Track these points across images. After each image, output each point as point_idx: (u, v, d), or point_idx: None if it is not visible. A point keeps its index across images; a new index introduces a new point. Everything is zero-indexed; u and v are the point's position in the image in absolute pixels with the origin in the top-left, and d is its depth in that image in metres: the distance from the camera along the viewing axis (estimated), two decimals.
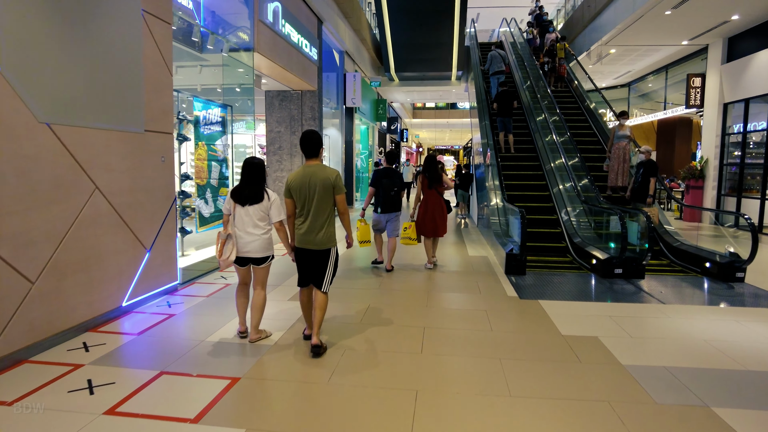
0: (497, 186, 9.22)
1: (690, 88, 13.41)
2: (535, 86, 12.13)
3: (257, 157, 4.16)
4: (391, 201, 6.63)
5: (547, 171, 10.05)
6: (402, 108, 28.80)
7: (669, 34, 12.46)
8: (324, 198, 3.67)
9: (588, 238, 7.41)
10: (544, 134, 10.64)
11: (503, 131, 11.05)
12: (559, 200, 8.87)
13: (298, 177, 3.70)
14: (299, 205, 3.73)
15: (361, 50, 16.09)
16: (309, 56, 10.45)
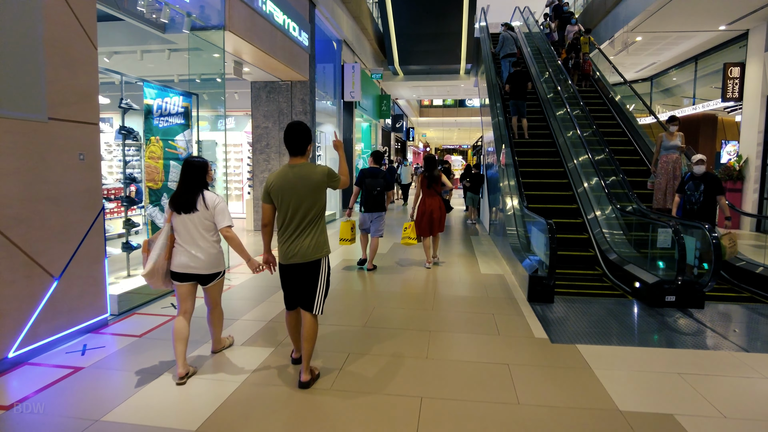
0: (514, 188, 7.90)
1: (727, 80, 11.98)
2: (555, 81, 10.70)
3: (199, 157, 3.57)
4: (374, 200, 6.63)
5: (569, 169, 8.72)
6: (408, 106, 27.51)
7: (705, 17, 11.06)
8: (312, 203, 3.14)
9: (626, 254, 6.08)
10: (565, 129, 9.32)
11: (516, 115, 10.16)
12: (585, 202, 7.55)
13: (279, 178, 3.15)
14: (281, 213, 3.17)
15: (362, 40, 14.83)
16: (298, 42, 9.20)
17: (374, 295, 5.51)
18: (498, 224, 8.96)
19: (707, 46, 13.27)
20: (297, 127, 3.15)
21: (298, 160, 3.17)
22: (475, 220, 12.12)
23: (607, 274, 6.19)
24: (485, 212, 11.56)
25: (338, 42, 12.80)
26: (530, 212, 5.92)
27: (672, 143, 7.26)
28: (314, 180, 3.11)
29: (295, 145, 3.15)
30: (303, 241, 3.12)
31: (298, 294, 3.25)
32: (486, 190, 11.53)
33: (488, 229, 10.53)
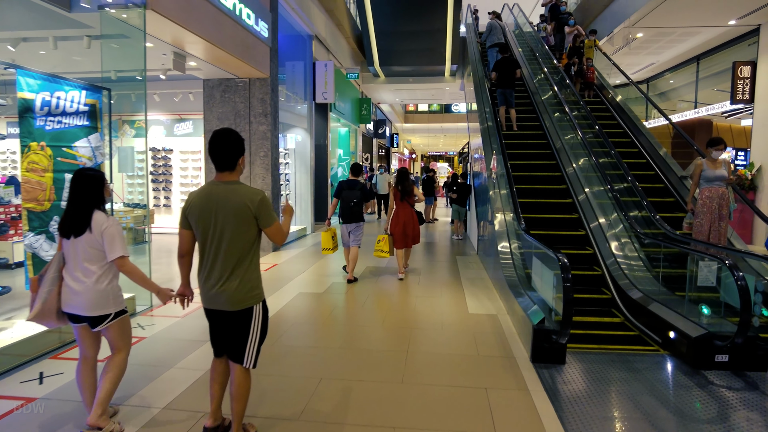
0: (507, 204, 6.65)
1: (737, 80, 10.89)
2: (556, 86, 9.32)
3: (91, 168, 3.00)
4: (350, 212, 6.69)
5: (576, 193, 7.49)
6: (392, 111, 26.29)
7: (714, 11, 9.96)
8: (239, 232, 2.54)
9: (652, 292, 4.80)
10: (575, 156, 8.07)
11: (504, 105, 9.42)
12: (597, 233, 6.28)
13: (199, 199, 2.58)
14: (199, 242, 2.62)
15: (337, 37, 13.54)
16: (255, 32, 7.88)
17: (325, 350, 4.16)
18: (488, 241, 7.69)
19: (712, 44, 12.21)
20: (223, 135, 2.56)
21: (225, 176, 2.59)
22: (461, 235, 10.84)
23: (627, 318, 4.91)
24: (473, 226, 10.29)
25: (309, 37, 11.50)
26: (531, 239, 4.61)
27: (717, 173, 5.63)
28: (241, 204, 2.51)
29: (221, 158, 2.55)
30: (227, 283, 2.51)
31: (225, 340, 2.67)
32: (473, 201, 10.27)
33: (476, 247, 9.24)
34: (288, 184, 11.03)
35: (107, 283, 2.79)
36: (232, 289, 2.52)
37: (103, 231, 2.71)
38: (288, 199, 3.32)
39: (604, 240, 6.02)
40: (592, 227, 6.50)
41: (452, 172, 38.52)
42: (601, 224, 6.38)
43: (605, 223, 6.28)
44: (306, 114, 11.61)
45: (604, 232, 6.12)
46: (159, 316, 5.06)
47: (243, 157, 2.65)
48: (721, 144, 5.61)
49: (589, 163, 7.31)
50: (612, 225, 6.06)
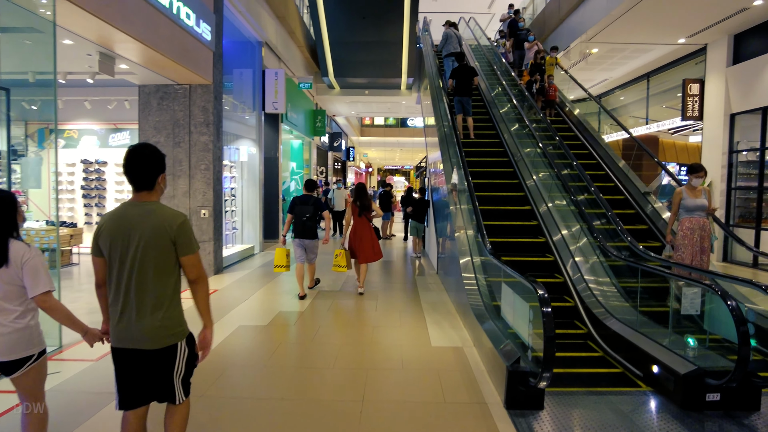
0: (469, 221, 6.22)
1: (687, 97, 11.07)
2: (516, 101, 9.13)
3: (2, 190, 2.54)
4: (303, 227, 6.62)
5: (541, 213, 7.16)
6: (348, 124, 25.80)
7: (665, 29, 10.09)
8: (158, 259, 2.23)
9: (631, 322, 4.43)
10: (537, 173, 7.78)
11: (461, 113, 9.39)
12: (563, 251, 5.93)
13: (111, 222, 2.27)
14: (111, 271, 2.25)
15: (290, 46, 12.94)
16: (196, 34, 7.17)
17: (267, 402, 3.50)
18: (448, 260, 7.24)
19: (662, 62, 12.44)
20: (140, 150, 2.30)
21: (143, 196, 2.32)
22: (419, 253, 10.36)
23: (607, 352, 4.51)
24: (431, 243, 9.84)
25: (258, 44, 10.84)
26: (501, 264, 4.14)
27: (698, 202, 5.24)
28: (159, 228, 2.24)
29: (137, 176, 2.29)
30: (145, 318, 2.20)
31: (144, 387, 2.29)
32: (432, 217, 9.84)
33: (436, 266, 8.76)
34: (234, 200, 10.24)
35: (30, 319, 2.44)
36: (150, 326, 2.21)
37: (23, 264, 2.36)
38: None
39: (572, 260, 5.66)
40: (555, 241, 6.15)
41: (408, 186, 38.43)
42: (566, 238, 6.04)
43: (569, 235, 5.94)
44: (255, 124, 10.89)
45: (571, 252, 5.77)
46: (69, 360, 4.25)
47: (163, 174, 2.36)
48: (701, 171, 5.26)
49: (552, 180, 7.02)
50: (583, 251, 5.71)
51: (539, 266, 6.05)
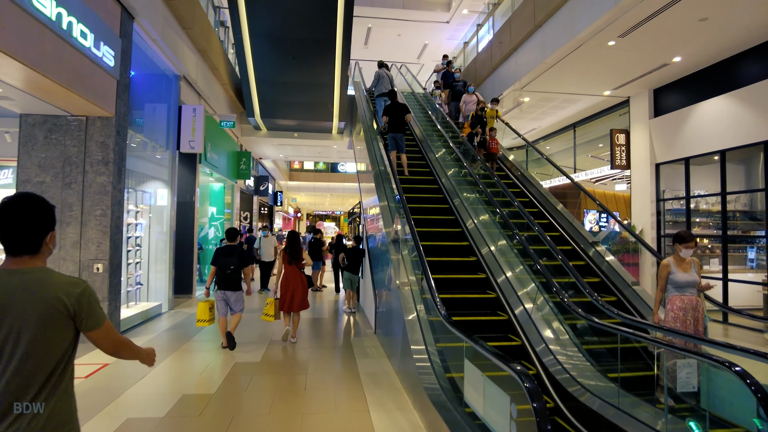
0: (415, 273, 5.49)
1: (615, 146, 11.37)
2: (460, 154, 8.61)
3: None
4: (227, 279, 6.47)
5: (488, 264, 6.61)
6: (276, 168, 24.77)
7: (594, 81, 10.35)
8: (45, 341, 1.73)
9: (608, 394, 3.80)
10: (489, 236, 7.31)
11: (395, 149, 9.27)
12: (509, 295, 5.33)
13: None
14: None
15: (212, 83, 11.99)
16: (95, 57, 6.12)
17: None
18: (389, 318, 6.42)
19: (588, 112, 12.86)
20: (19, 204, 1.76)
21: (24, 261, 1.78)
22: (353, 308, 9.44)
23: (562, 411, 3.83)
24: (367, 296, 8.99)
25: (175, 78, 9.83)
26: (464, 335, 3.37)
27: (688, 278, 4.43)
28: (50, 300, 1.73)
29: (15, 237, 1.76)
30: (23, 417, 1.65)
31: None
32: (367, 267, 9.04)
33: (374, 324, 7.88)
34: (139, 250, 8.86)
35: None
36: (32, 427, 1.67)
37: None
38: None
39: (528, 319, 5.05)
40: (500, 283, 5.56)
41: (338, 232, 37.50)
42: (513, 284, 5.46)
43: (524, 292, 5.36)
44: (167, 164, 9.70)
45: (526, 308, 5.17)
46: None
47: (53, 232, 1.87)
48: (692, 240, 4.48)
49: (496, 228, 6.53)
50: (540, 307, 5.12)
51: (482, 303, 5.41)
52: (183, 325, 8.10)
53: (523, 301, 5.37)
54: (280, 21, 11.13)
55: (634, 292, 5.93)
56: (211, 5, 12.75)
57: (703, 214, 10.04)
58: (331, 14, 11.08)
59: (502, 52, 11.13)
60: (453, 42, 20.46)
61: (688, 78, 9.70)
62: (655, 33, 7.82)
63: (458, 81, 12.02)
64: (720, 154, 8.95)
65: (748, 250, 9.91)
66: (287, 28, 11.42)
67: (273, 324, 7.73)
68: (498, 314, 5.60)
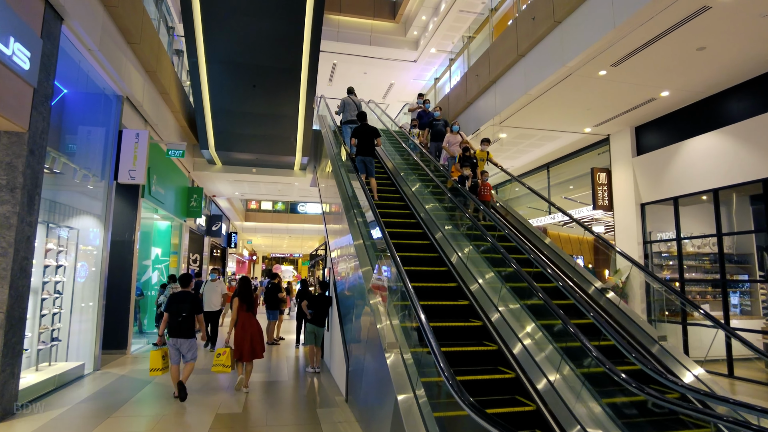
0: (404, 334, 4.35)
1: (596, 186, 10.81)
2: (455, 202, 7.46)
3: None
4: (179, 326, 6.20)
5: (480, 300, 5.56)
6: (231, 208, 23.27)
7: (577, 116, 9.84)
8: None
9: None
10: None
11: (364, 173, 8.82)
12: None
13: None
14: None
15: (161, 109, 10.76)
16: (5, 59, 4.88)
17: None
18: (366, 382, 5.20)
19: (564, 151, 12.38)
20: None
21: None
22: (318, 367, 8.05)
23: None
24: (334, 352, 7.70)
25: (117, 98, 8.58)
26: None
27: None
28: None
29: None
30: None
31: None
32: (335, 317, 7.78)
33: (345, 389, 6.54)
34: (59, 298, 7.30)
35: None
36: None
37: None
38: None
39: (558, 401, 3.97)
40: (517, 356, 4.48)
41: (298, 276, 35.61)
42: (533, 353, 4.40)
43: (545, 359, 4.31)
44: (102, 197, 8.27)
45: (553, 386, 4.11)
46: None
47: None
48: None
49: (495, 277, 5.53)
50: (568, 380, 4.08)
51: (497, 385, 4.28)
52: (111, 391, 6.56)
53: (547, 372, 4.31)
54: (240, 45, 10.19)
55: (663, 349, 5.00)
56: (163, 24, 11.71)
57: (691, 256, 9.47)
58: (297, 40, 10.24)
59: (479, 85, 10.54)
60: (419, 82, 20.16)
61: (672, 115, 9.34)
62: (649, 63, 7.34)
63: (438, 120, 11.09)
64: (713, 193, 8.45)
65: (731, 295, 9.37)
66: (248, 53, 10.48)
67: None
68: (524, 403, 4.49)
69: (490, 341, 5.22)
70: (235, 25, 9.58)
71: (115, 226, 9.01)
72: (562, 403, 4.04)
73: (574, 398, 4.05)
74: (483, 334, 5.37)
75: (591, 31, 6.97)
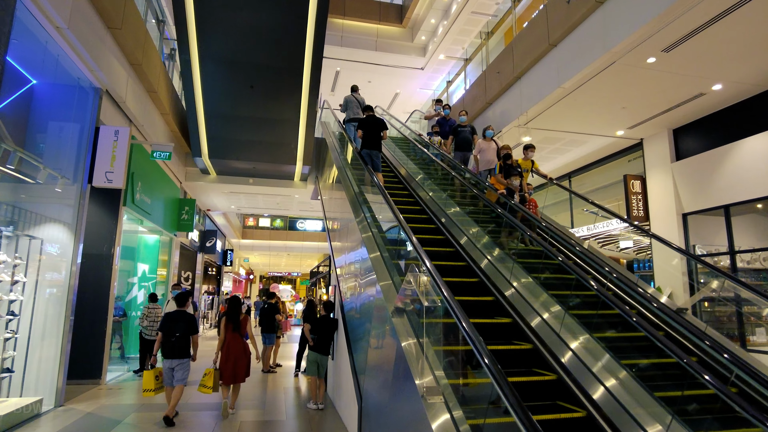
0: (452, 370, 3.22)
1: (630, 195, 9.72)
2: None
3: None
4: (171, 346, 6.05)
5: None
6: (228, 225, 22.15)
7: (610, 116, 8.81)
8: None
9: None
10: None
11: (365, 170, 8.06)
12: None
13: None
14: None
15: (149, 109, 9.72)
16: None
17: None
18: (385, 423, 4.01)
19: (590, 158, 11.31)
20: None
21: None
22: (321, 403, 6.81)
23: None
24: (343, 385, 6.49)
25: (94, 91, 7.53)
26: None
27: None
28: None
29: None
30: None
31: None
32: (342, 342, 6.60)
33: (359, 429, 5.33)
34: (13, 320, 6.11)
35: None
36: None
37: None
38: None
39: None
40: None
41: (296, 296, 34.24)
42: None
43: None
44: (73, 202, 7.15)
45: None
46: None
47: None
48: None
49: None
50: None
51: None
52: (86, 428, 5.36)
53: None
54: (236, 40, 9.21)
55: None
56: (152, 16, 10.76)
57: (749, 272, 8.34)
58: (298, 35, 9.27)
59: (501, 82, 9.53)
60: (425, 92, 19.29)
61: (718, 114, 8.32)
62: (706, 48, 6.34)
63: (464, 126, 9.66)
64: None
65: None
66: (245, 49, 9.49)
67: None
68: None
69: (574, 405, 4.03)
70: (230, 18, 8.62)
71: (90, 236, 7.89)
72: None
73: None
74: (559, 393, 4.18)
75: (643, 7, 5.97)
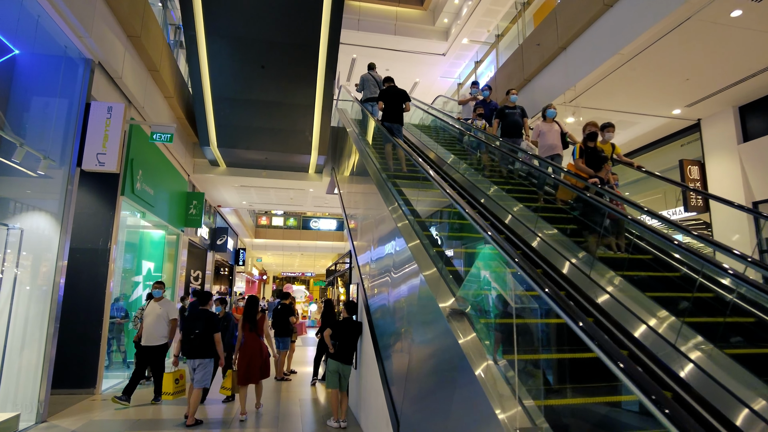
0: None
1: (687, 182, 8.58)
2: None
3: None
4: (191, 344, 5.89)
5: None
6: (241, 223, 21.32)
7: (670, 89, 7.70)
8: None
9: None
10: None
11: (390, 142, 7.90)
12: None
13: None
14: None
15: (150, 89, 8.83)
16: None
17: None
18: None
19: (634, 144, 10.16)
20: None
21: None
22: (342, 421, 5.80)
23: None
24: (367, 398, 5.49)
25: (84, 62, 6.63)
26: None
27: None
28: None
29: None
30: None
31: None
32: (369, 349, 5.60)
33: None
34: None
35: None
36: None
37: None
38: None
39: None
40: None
41: (310, 297, 33.35)
42: None
43: None
44: (59, 188, 6.25)
45: None
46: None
47: None
48: None
49: None
50: None
51: None
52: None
53: None
54: (246, 15, 8.29)
55: None
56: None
57: None
58: (315, 8, 8.33)
59: (542, 55, 8.43)
60: (447, 80, 18.25)
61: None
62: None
63: (513, 107, 8.16)
64: None
65: None
66: (256, 25, 8.58)
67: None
68: None
69: None
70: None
71: (83, 229, 7.03)
72: None
73: None
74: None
75: None
